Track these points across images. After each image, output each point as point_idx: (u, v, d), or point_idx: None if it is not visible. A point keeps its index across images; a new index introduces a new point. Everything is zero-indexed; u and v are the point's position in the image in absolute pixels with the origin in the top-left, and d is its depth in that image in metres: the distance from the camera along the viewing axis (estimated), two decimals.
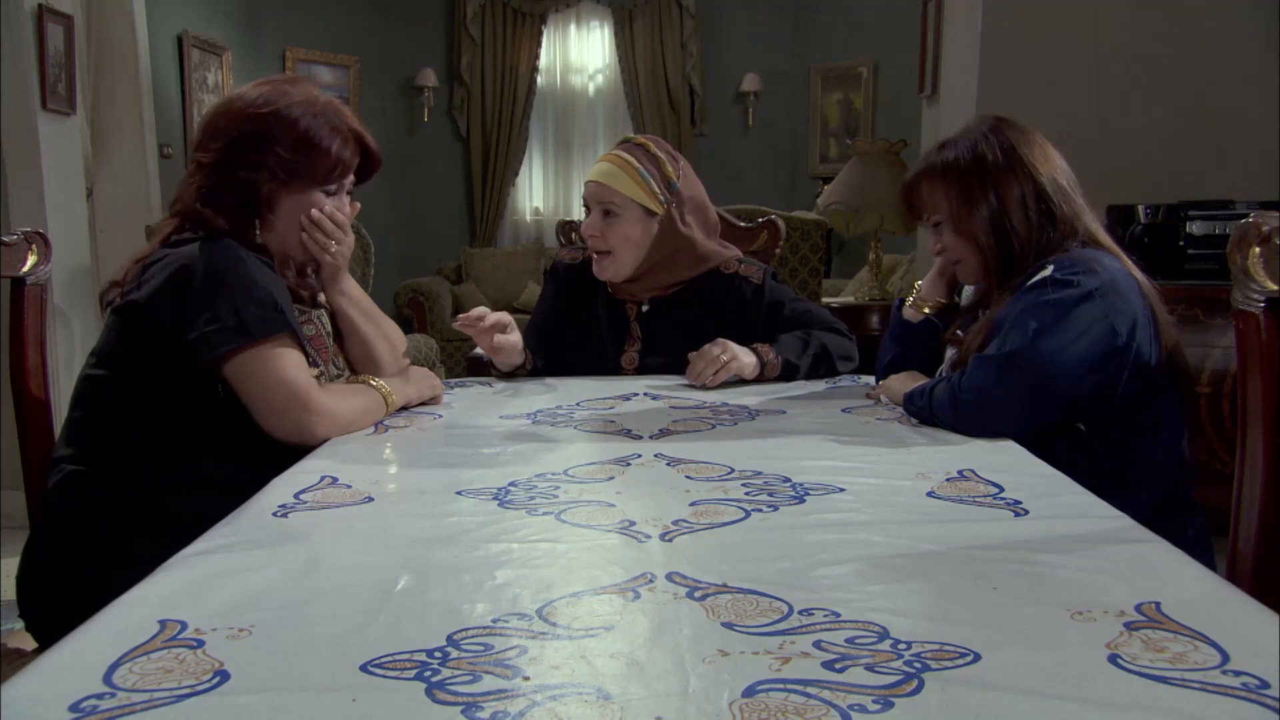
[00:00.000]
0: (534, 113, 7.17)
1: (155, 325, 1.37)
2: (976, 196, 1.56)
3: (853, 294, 4.92)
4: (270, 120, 1.46)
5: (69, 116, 3.46)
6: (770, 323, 1.98)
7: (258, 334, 1.35)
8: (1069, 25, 3.09)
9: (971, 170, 1.56)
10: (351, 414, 1.46)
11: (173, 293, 1.36)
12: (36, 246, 1.55)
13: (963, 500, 1.09)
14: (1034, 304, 1.41)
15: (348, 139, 1.53)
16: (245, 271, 1.38)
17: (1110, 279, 1.43)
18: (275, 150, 1.46)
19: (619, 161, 1.95)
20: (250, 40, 6.14)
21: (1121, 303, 1.41)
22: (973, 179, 1.56)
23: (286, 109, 1.47)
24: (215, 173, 1.46)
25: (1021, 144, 1.56)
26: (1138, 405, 1.46)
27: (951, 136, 1.65)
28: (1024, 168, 1.54)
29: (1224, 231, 2.59)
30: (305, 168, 1.49)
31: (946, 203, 1.60)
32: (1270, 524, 1.21)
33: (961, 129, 1.65)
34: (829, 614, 0.77)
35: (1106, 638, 0.72)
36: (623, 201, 1.92)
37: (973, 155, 1.57)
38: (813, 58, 6.96)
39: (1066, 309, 1.39)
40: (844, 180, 4.54)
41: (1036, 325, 1.39)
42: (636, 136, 2.06)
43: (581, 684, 0.67)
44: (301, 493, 1.14)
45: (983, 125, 1.61)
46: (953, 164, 1.59)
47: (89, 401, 1.43)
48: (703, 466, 1.24)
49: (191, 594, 0.83)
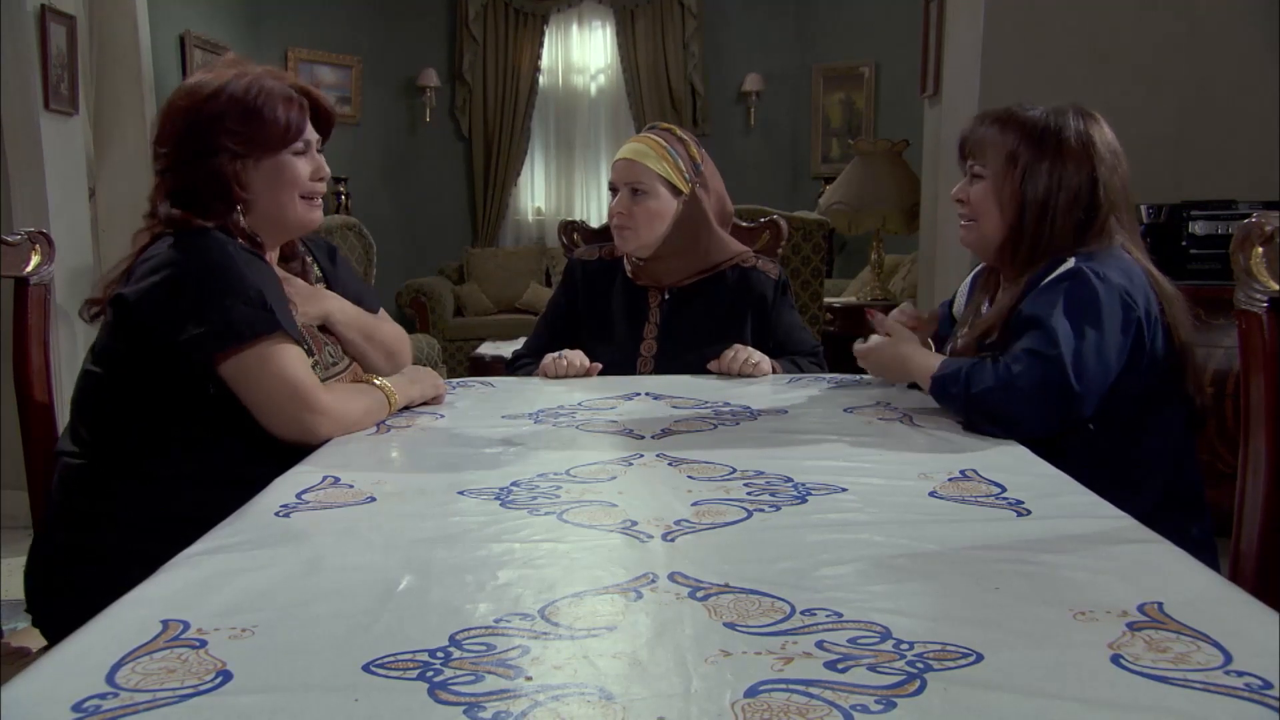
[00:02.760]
0: (536, 113, 7.18)
1: (146, 324, 1.36)
2: (1036, 163, 1.49)
3: (854, 294, 4.92)
4: (205, 102, 1.43)
5: (71, 117, 3.46)
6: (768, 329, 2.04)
7: (248, 335, 1.34)
8: (1071, 25, 3.09)
9: (1045, 135, 1.50)
10: (355, 414, 1.46)
11: (161, 292, 1.34)
12: (39, 246, 1.55)
13: (965, 500, 1.09)
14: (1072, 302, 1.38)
15: (290, 98, 1.48)
16: (235, 270, 1.36)
17: (1128, 279, 1.42)
18: (223, 128, 1.42)
19: (648, 141, 2.02)
20: (252, 40, 6.14)
21: (1141, 299, 1.42)
22: (1043, 144, 1.49)
23: (216, 88, 1.43)
24: (176, 174, 1.44)
25: (1100, 140, 1.51)
26: (1147, 404, 1.46)
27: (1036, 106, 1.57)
28: (1093, 161, 1.49)
29: (1226, 231, 2.59)
30: (258, 135, 1.44)
31: (999, 154, 1.53)
32: (1273, 524, 1.21)
33: (1049, 106, 1.56)
34: (831, 614, 0.77)
35: (1109, 638, 0.72)
36: (651, 178, 1.98)
37: (1054, 123, 1.51)
38: (814, 58, 6.96)
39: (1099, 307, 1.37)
40: (846, 180, 4.55)
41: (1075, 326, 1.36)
42: (661, 123, 2.11)
43: (584, 684, 0.67)
44: (303, 493, 1.14)
45: (1071, 109, 1.54)
46: (1028, 121, 1.52)
47: (88, 397, 1.43)
48: (705, 466, 1.24)
49: (194, 594, 0.83)
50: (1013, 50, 3.09)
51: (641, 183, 1.97)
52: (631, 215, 1.98)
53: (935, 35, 3.67)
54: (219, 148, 1.42)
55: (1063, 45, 3.08)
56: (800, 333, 2.10)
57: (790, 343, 2.05)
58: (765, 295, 2.05)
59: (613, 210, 2.01)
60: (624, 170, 2.00)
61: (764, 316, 2.04)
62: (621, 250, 2.06)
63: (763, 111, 7.09)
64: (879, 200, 4.34)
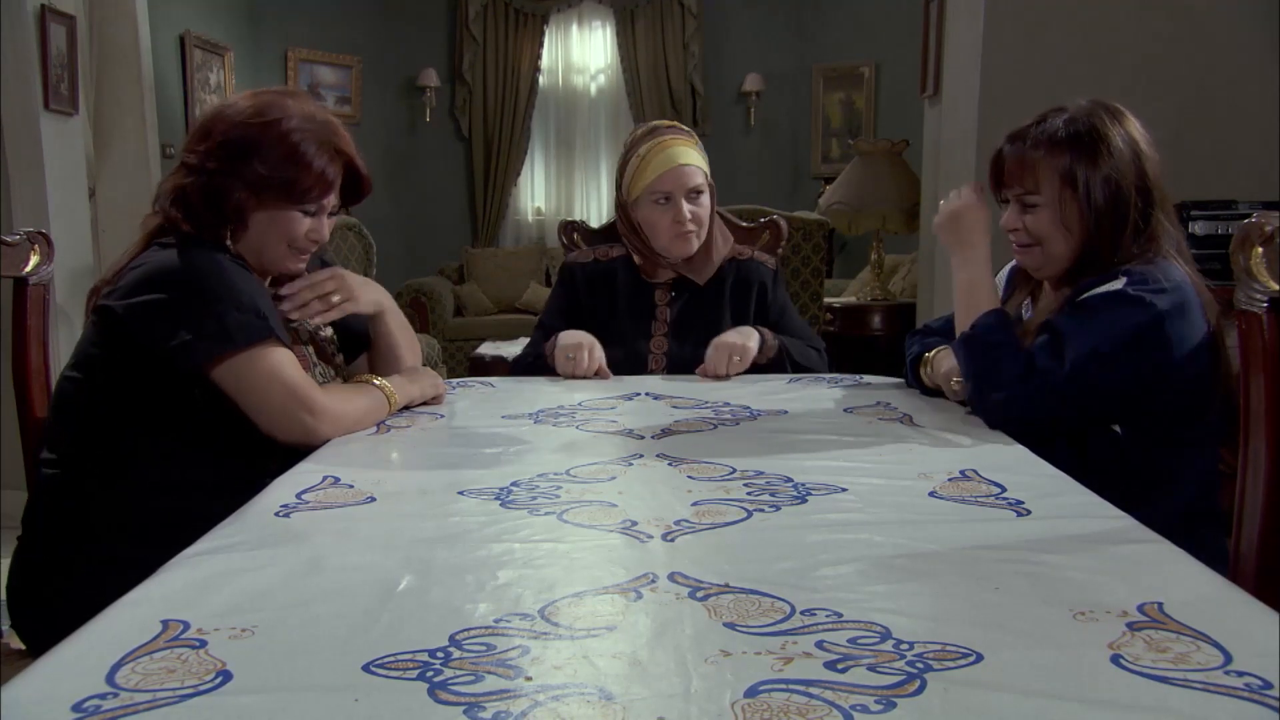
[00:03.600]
0: (536, 113, 7.18)
1: (132, 331, 1.35)
2: (1092, 176, 1.42)
3: (855, 294, 4.92)
4: (258, 131, 1.42)
5: (71, 117, 3.46)
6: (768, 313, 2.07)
7: (241, 341, 1.34)
8: (1071, 25, 3.09)
9: (1093, 144, 1.43)
10: (354, 414, 1.46)
11: (151, 299, 1.34)
12: (39, 246, 1.55)
13: (965, 500, 1.09)
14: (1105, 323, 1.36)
15: (334, 158, 1.48)
16: (226, 278, 1.37)
17: (1181, 300, 1.37)
18: (254, 164, 1.41)
19: (684, 141, 2.01)
20: (252, 40, 6.15)
21: (1187, 327, 1.37)
22: (1095, 154, 1.42)
23: (278, 122, 1.43)
24: (192, 175, 1.43)
25: (1140, 136, 1.46)
26: (1183, 418, 1.43)
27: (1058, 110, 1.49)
28: (1140, 160, 1.44)
29: (1226, 231, 2.59)
30: (281, 185, 1.42)
31: (1053, 175, 1.45)
32: (1273, 524, 1.21)
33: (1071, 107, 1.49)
34: (831, 614, 0.77)
35: (1109, 638, 0.72)
36: (702, 177, 1.99)
37: (1095, 129, 1.43)
38: (814, 58, 6.96)
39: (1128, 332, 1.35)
40: (846, 180, 4.54)
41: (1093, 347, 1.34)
42: (661, 121, 2.10)
43: (584, 684, 0.67)
44: (303, 493, 1.14)
45: (1101, 108, 1.47)
46: (1072, 135, 1.44)
47: (65, 403, 1.42)
48: (705, 466, 1.24)
49: (194, 594, 0.83)
50: (1013, 50, 3.09)
51: (699, 184, 1.98)
52: (698, 220, 1.98)
53: (935, 35, 3.67)
54: (238, 175, 1.42)
55: (1063, 45, 3.08)
56: (797, 318, 2.13)
57: (789, 328, 2.07)
58: (764, 282, 2.08)
59: (674, 221, 1.96)
60: (682, 177, 1.96)
61: (763, 303, 2.07)
62: (686, 253, 2.01)
63: (763, 111, 7.09)
64: (879, 200, 4.33)
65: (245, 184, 1.42)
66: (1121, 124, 1.46)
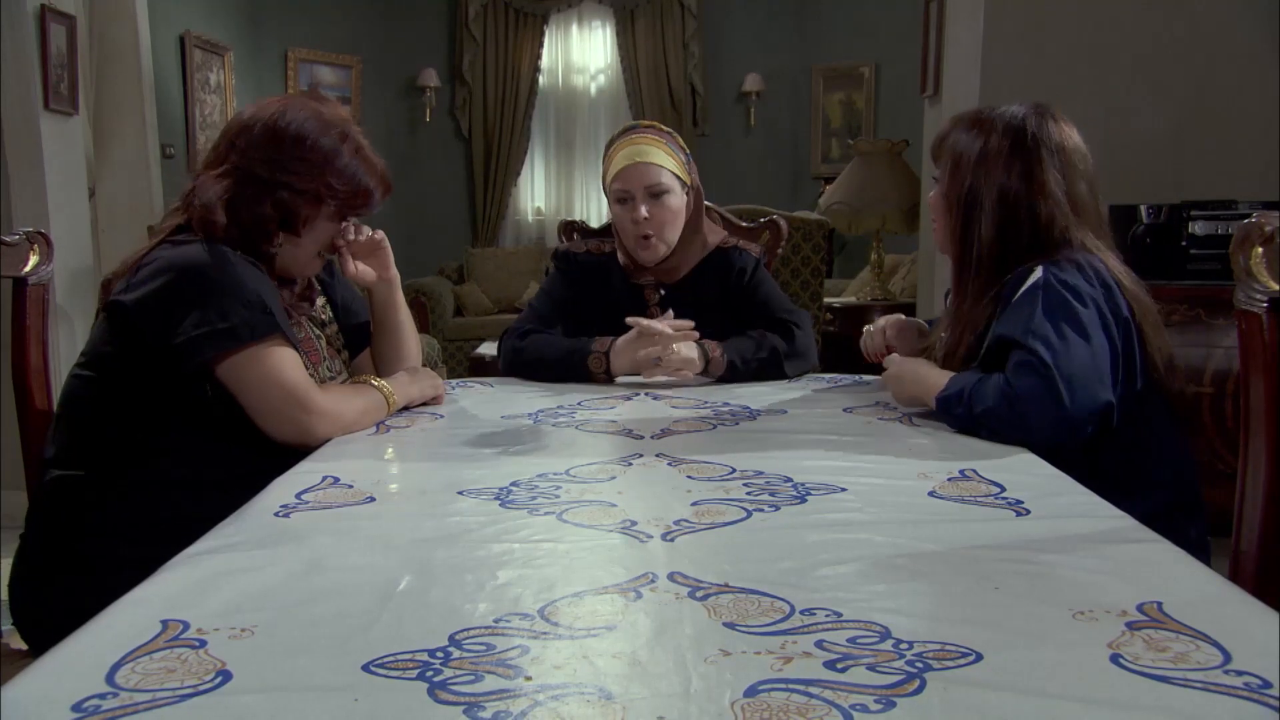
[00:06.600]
0: (536, 113, 7.18)
1: (142, 327, 1.35)
2: (979, 166, 1.47)
3: (854, 294, 4.92)
4: (325, 153, 1.46)
5: (71, 117, 3.46)
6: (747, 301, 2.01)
7: (246, 337, 1.35)
8: (1071, 25, 3.09)
9: (992, 136, 1.47)
10: (352, 414, 1.46)
11: (160, 295, 1.35)
12: (38, 246, 1.55)
13: (964, 500, 1.09)
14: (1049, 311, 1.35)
15: (381, 177, 1.55)
16: (234, 274, 1.37)
17: (1100, 284, 1.40)
18: (328, 180, 1.46)
19: (651, 140, 1.95)
20: (252, 40, 6.15)
21: (1113, 305, 1.40)
22: (987, 146, 1.47)
23: (346, 136, 1.49)
24: (252, 184, 1.43)
25: (1055, 141, 1.48)
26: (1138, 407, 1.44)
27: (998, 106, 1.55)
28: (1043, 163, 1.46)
29: (1226, 231, 2.59)
30: (347, 197, 1.50)
31: (949, 158, 1.51)
32: (1273, 524, 1.21)
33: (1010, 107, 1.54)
34: (831, 614, 0.77)
35: (1108, 637, 0.72)
36: (665, 175, 1.93)
37: (1005, 125, 1.48)
38: (814, 58, 6.96)
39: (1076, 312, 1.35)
40: (846, 180, 4.54)
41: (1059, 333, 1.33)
42: (641, 121, 2.07)
43: (583, 684, 0.67)
44: (303, 493, 1.14)
45: (1030, 108, 1.51)
46: (978, 123, 1.50)
47: (74, 401, 1.42)
48: (704, 466, 1.24)
49: (193, 594, 0.83)
50: (1013, 50, 3.09)
51: (660, 183, 1.92)
52: (658, 222, 1.92)
53: (935, 35, 3.67)
54: (310, 192, 1.46)
55: (1063, 45, 3.08)
56: (779, 299, 2.03)
57: (771, 310, 1.99)
58: (745, 269, 2.03)
59: (633, 219, 1.92)
60: (640, 174, 1.91)
61: (740, 289, 2.01)
62: (649, 263, 1.99)
63: (763, 111, 7.09)
64: (879, 200, 4.34)
65: (316, 198, 1.47)
66: (1041, 126, 1.48)
